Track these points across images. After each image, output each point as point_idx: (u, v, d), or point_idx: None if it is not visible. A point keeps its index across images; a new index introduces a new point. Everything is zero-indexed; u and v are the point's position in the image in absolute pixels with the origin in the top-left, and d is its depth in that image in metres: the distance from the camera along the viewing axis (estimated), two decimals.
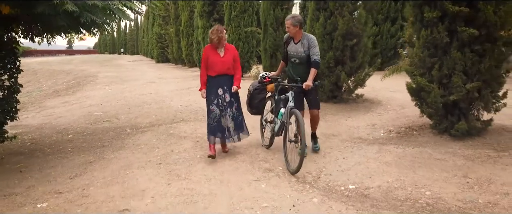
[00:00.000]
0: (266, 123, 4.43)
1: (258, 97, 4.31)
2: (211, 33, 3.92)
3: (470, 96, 4.01)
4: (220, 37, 3.88)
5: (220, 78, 3.99)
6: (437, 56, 4.12)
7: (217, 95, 4.01)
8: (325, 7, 6.36)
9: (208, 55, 4.00)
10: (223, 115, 4.02)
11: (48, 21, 3.98)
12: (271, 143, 4.29)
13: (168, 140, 5.06)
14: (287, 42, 4.04)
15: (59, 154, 4.84)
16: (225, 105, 4.02)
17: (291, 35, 3.94)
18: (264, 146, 4.36)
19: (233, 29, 11.67)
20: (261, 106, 4.38)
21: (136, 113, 7.39)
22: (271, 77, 4.21)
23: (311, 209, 2.82)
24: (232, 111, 4.07)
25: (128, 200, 3.15)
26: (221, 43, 3.93)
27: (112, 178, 3.76)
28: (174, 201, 3.07)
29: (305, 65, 3.89)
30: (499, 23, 3.81)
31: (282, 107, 3.88)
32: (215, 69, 3.97)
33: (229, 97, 4.03)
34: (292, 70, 4.04)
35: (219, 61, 3.95)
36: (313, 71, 3.74)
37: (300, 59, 3.93)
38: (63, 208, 3.10)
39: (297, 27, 3.85)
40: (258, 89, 4.30)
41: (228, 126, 4.06)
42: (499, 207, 2.70)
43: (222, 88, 4.01)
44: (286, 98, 3.83)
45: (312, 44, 3.83)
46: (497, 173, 3.26)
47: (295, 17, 3.88)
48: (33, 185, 3.73)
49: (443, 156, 3.74)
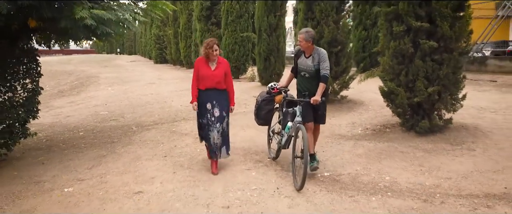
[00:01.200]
0: (273, 134, 4.37)
1: (266, 108, 4.22)
2: (203, 47, 3.94)
3: (432, 99, 4.70)
4: (208, 53, 3.85)
5: (209, 92, 3.91)
6: (404, 64, 4.80)
7: (206, 109, 3.95)
8: (313, 16, 7.02)
9: (198, 68, 3.95)
10: (211, 129, 3.94)
11: (69, 33, 4.61)
12: (277, 155, 4.22)
13: (171, 137, 5.70)
14: (298, 55, 4.00)
15: (73, 149, 5.46)
16: (213, 120, 3.94)
17: (303, 49, 3.89)
18: (271, 158, 4.30)
19: (229, 34, 12.32)
20: (268, 117, 4.31)
21: (140, 112, 8.02)
22: (280, 88, 4.13)
23: (291, 190, 3.48)
24: (222, 126, 3.98)
25: (141, 185, 3.79)
26: (210, 58, 3.89)
27: (125, 168, 4.39)
28: (179, 185, 3.72)
29: (314, 79, 3.84)
30: (454, 37, 4.50)
31: (290, 120, 3.83)
32: (204, 83, 3.91)
33: (219, 112, 3.95)
34: (302, 83, 3.98)
35: (209, 75, 3.89)
36: (322, 86, 3.72)
37: (310, 74, 3.88)
38: (87, 192, 3.73)
39: (310, 43, 3.80)
40: (266, 100, 4.21)
41: (215, 142, 3.96)
42: (440, 187, 3.37)
43: (211, 103, 3.93)
44: (294, 112, 3.77)
45: (323, 58, 3.78)
46: (446, 163, 3.94)
47: (309, 32, 3.82)
48: (57, 174, 4.35)
49: (406, 149, 4.42)
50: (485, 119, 5.47)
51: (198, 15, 14.45)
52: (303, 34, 3.83)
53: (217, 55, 3.91)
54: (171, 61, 23.59)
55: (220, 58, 4.00)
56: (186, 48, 18.89)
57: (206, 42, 3.92)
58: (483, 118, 5.55)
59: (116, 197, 3.53)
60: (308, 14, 7.13)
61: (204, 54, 3.90)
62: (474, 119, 5.52)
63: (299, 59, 3.97)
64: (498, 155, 4.05)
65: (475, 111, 6.02)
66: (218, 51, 3.91)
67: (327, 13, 6.84)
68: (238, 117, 6.82)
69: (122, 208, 3.28)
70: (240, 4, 12.22)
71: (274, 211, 3.07)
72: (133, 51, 51.93)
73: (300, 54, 3.98)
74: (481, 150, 4.22)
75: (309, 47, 3.84)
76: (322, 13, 6.87)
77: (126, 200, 3.43)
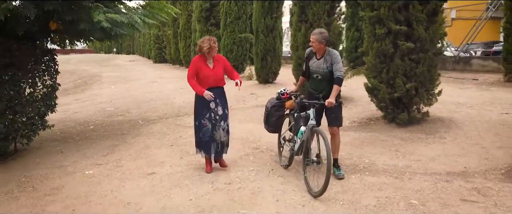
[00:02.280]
0: (284, 142, 4.21)
1: (276, 114, 4.05)
2: (202, 42, 3.84)
3: (410, 94, 5.27)
4: (212, 47, 3.82)
5: (212, 91, 3.87)
6: (385, 63, 5.38)
7: (209, 109, 3.90)
8: (306, 19, 7.58)
9: (197, 68, 3.89)
10: (217, 128, 3.91)
11: (86, 35, 5.15)
12: (290, 163, 4.04)
13: (176, 129, 6.24)
14: (309, 57, 3.87)
15: (87, 140, 5.99)
16: (217, 119, 3.92)
17: (315, 50, 3.77)
18: (283, 166, 4.12)
19: (228, 34, 12.87)
20: (279, 124, 4.15)
21: (144, 108, 8.56)
22: (290, 93, 4.01)
23: (283, 171, 4.03)
24: (226, 123, 3.99)
25: (153, 168, 4.34)
26: (210, 54, 3.87)
27: (137, 155, 4.94)
28: (186, 168, 4.27)
29: (327, 81, 3.72)
30: (429, 39, 5.08)
31: (302, 124, 3.67)
32: (207, 82, 3.87)
33: (222, 110, 3.96)
34: (314, 86, 3.86)
35: (210, 74, 3.88)
36: (336, 88, 3.58)
37: (322, 75, 3.75)
38: (105, 174, 4.27)
39: (323, 44, 3.66)
40: (275, 106, 4.04)
41: (222, 140, 3.97)
42: (410, 168, 3.95)
43: (214, 102, 3.90)
44: (307, 116, 3.63)
45: (335, 60, 3.65)
46: (420, 148, 4.52)
47: (322, 34, 3.66)
48: (76, 160, 4.89)
49: (386, 138, 5.00)
50: (460, 113, 6.05)
51: (198, 16, 14.98)
52: (316, 35, 3.67)
53: (216, 51, 3.93)
54: (171, 61, 24.10)
55: (216, 55, 3.99)
56: (186, 48, 19.41)
57: (207, 38, 3.86)
58: (459, 112, 6.13)
59: (132, 177, 4.07)
60: (301, 17, 7.69)
61: (206, 50, 3.81)
62: (451, 113, 6.10)
63: (311, 62, 3.84)
64: (465, 142, 4.64)
65: (453, 106, 6.61)
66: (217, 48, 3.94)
67: (319, 16, 7.40)
68: (236, 112, 7.38)
69: (139, 185, 3.83)
70: (238, 6, 12.77)
71: (269, 186, 3.63)
72: (131, 51, 52.33)
73: (311, 56, 3.85)
74: (451, 138, 4.81)
75: (321, 49, 3.70)
76: (315, 16, 7.43)
77: (141, 179, 3.98)
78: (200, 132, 3.95)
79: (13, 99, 4.96)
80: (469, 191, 3.28)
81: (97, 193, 3.68)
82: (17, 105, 5.04)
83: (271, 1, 10.63)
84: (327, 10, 7.47)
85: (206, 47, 3.81)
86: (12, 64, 4.92)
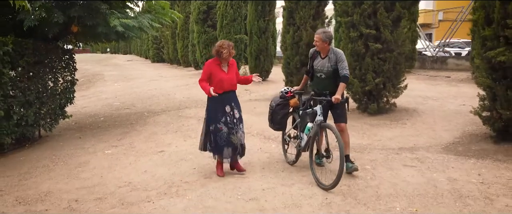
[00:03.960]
0: (289, 139, 4.28)
1: (281, 113, 4.14)
2: (221, 47, 3.79)
3: (378, 87, 6.22)
4: (231, 53, 3.83)
5: (227, 95, 3.88)
6: (358, 61, 6.32)
7: (224, 113, 3.87)
8: (293, 22, 8.50)
9: (211, 72, 3.86)
10: (234, 132, 3.89)
11: (102, 37, 6.03)
12: (297, 159, 4.14)
13: (178, 119, 7.13)
14: (313, 56, 3.92)
15: (100, 128, 6.86)
16: (235, 122, 3.90)
17: (319, 49, 3.82)
18: (289, 163, 4.22)
19: (224, 35, 13.76)
20: (284, 122, 4.25)
21: (148, 102, 9.43)
22: (294, 91, 4.07)
23: (272, 148, 4.94)
24: (242, 124, 4.00)
25: (161, 147, 5.22)
26: (227, 59, 3.86)
27: (146, 139, 5.82)
28: (190, 147, 5.15)
29: (331, 79, 3.79)
30: (394, 41, 6.02)
31: (309, 121, 3.76)
32: (222, 87, 3.83)
33: (238, 113, 3.96)
34: (318, 85, 3.91)
35: (226, 78, 3.86)
36: (342, 85, 3.66)
37: (326, 74, 3.82)
38: (122, 152, 5.15)
39: (326, 43, 3.73)
40: (280, 105, 4.13)
41: (241, 143, 3.96)
42: (371, 145, 4.88)
43: (230, 106, 3.89)
44: (314, 113, 3.71)
45: (340, 58, 3.73)
46: (382, 131, 5.46)
47: (326, 33, 3.75)
48: (94, 143, 5.75)
49: (358, 124, 5.93)
50: (425, 105, 7.01)
51: (196, 18, 15.87)
52: (320, 34, 3.72)
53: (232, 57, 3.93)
54: (168, 61, 24.91)
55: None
56: (183, 48, 20.27)
57: (227, 44, 3.83)
58: (424, 104, 7.09)
59: (145, 154, 4.96)
60: (290, 20, 8.61)
61: (225, 56, 3.79)
62: (417, 104, 7.05)
63: (315, 61, 3.89)
64: (420, 127, 5.59)
65: (421, 99, 7.57)
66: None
67: (305, 20, 8.33)
68: None
69: (152, 159, 4.72)
70: (234, 9, 13.68)
71: (257, 159, 4.53)
72: (128, 51, 52.98)
73: (316, 56, 3.90)
74: (410, 124, 5.76)
75: (325, 48, 3.76)
76: (301, 20, 8.36)
77: (153, 155, 4.87)
78: (216, 136, 3.87)
79: (40, 92, 5.82)
80: (412, 160, 4.21)
81: (118, 165, 4.56)
82: (44, 97, 5.90)
83: (263, 5, 11.55)
84: (313, 15, 8.39)
85: (225, 53, 3.78)
86: (40, 62, 5.77)
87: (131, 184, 3.89)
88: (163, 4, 6.68)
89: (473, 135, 5.00)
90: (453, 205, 3.06)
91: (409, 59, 12.46)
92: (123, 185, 3.87)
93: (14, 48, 5.03)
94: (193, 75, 15.82)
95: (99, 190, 3.75)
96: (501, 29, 4.08)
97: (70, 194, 3.70)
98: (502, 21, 4.06)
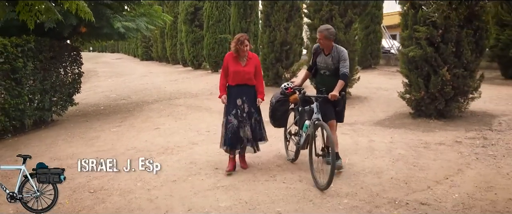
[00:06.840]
0: (290, 136, 4.23)
1: (281, 109, 4.06)
2: (232, 41, 3.89)
3: None
4: (238, 48, 3.81)
5: (240, 88, 3.87)
6: None
7: (235, 105, 3.87)
8: (269, 24, 9.85)
9: (228, 64, 3.89)
10: (242, 125, 3.88)
11: (107, 37, 7.24)
12: (296, 157, 4.11)
13: (170, 107, 8.38)
14: (316, 53, 3.91)
15: (102, 115, 8.05)
16: (244, 116, 3.89)
17: (322, 47, 3.81)
18: (289, 160, 4.18)
19: (210, 35, 15.04)
20: (284, 118, 4.18)
21: (142, 94, 10.62)
22: (294, 87, 3.97)
23: None
24: (251, 121, 3.94)
25: (157, 126, 6.48)
26: (240, 53, 3.84)
27: (144, 121, 7.06)
28: (180, 126, 6.42)
29: (335, 76, 3.75)
30: (346, 40, 7.44)
31: (307, 118, 3.73)
32: (235, 79, 3.84)
33: (249, 108, 3.90)
34: (321, 81, 3.94)
35: (240, 71, 3.84)
36: (341, 82, 3.62)
37: (330, 71, 3.82)
38: (126, 129, 6.38)
39: (330, 40, 3.71)
40: (280, 101, 4.03)
41: (248, 137, 3.91)
42: None
43: (241, 99, 3.87)
44: (311, 110, 3.68)
45: (343, 57, 3.72)
46: None
47: (329, 30, 3.72)
48: (101, 125, 6.96)
49: None
50: (376, 94, 8.47)
51: (184, 18, 17.06)
52: (324, 31, 3.70)
53: (247, 50, 3.84)
54: (157, 59, 25.94)
55: (250, 53, 3.93)
56: (172, 47, 21.38)
57: (237, 37, 3.84)
58: (375, 93, 8.55)
59: (144, 130, 6.22)
60: (266, 22, 9.96)
61: (234, 50, 3.84)
62: (370, 94, 8.51)
63: (318, 58, 3.90)
64: (365, 109, 7.03)
65: (374, 90, 9.04)
66: (248, 47, 3.84)
67: (279, 22, 9.69)
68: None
69: (150, 133, 5.98)
70: (219, 11, 14.95)
71: None
72: (115, 50, 53.35)
73: (319, 53, 3.90)
74: (358, 107, 7.19)
75: (328, 45, 3.76)
76: (276, 22, 9.71)
77: (151, 131, 6.14)
78: (226, 128, 3.93)
79: (54, 81, 6.98)
80: (349, 130, 5.59)
81: (124, 137, 5.81)
82: (57, 86, 7.06)
83: (245, 8, 12.87)
84: (286, 18, 9.76)
85: (232, 47, 3.87)
86: (54, 57, 6.94)
87: (136, 148, 5.16)
88: (156, 9, 7.92)
89: (401, 113, 6.45)
90: (364, 154, 4.45)
91: (375, 57, 14.07)
92: (130, 148, 5.14)
93: (35, 45, 6.20)
94: (181, 71, 17.03)
95: (113, 152, 5.00)
96: (413, 32, 5.52)
97: (91, 154, 4.94)
98: (413, 26, 5.51)
